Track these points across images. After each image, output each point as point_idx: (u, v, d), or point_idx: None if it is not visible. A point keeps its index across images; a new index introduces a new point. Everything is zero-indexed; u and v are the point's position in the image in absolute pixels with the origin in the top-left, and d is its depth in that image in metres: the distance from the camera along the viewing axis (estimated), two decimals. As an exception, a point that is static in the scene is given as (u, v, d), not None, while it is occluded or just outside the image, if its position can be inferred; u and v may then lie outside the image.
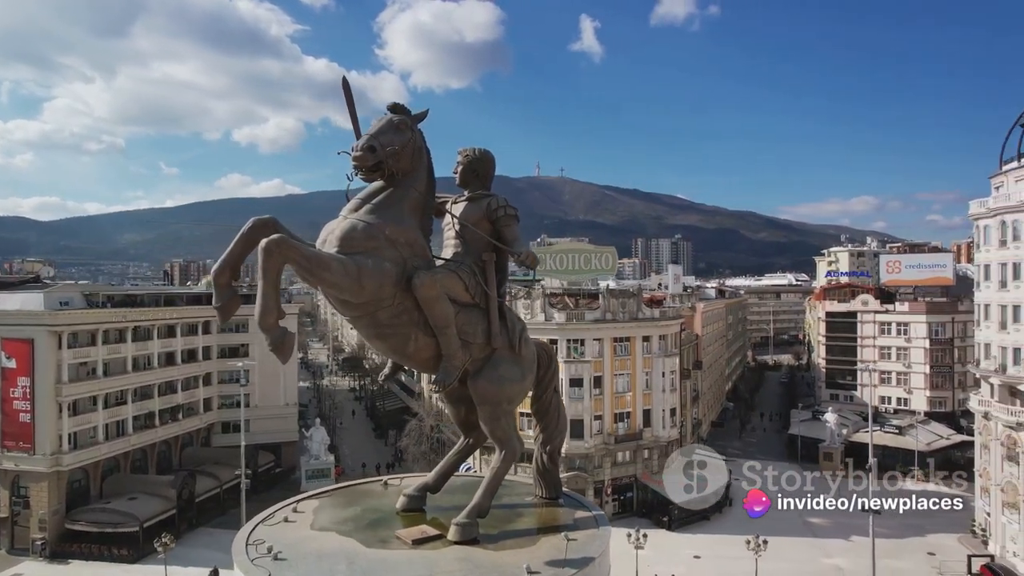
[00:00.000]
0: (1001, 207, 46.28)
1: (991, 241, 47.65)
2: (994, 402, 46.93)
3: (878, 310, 74.24)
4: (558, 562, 8.72)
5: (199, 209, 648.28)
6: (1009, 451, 45.89)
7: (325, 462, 62.91)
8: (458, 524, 9.31)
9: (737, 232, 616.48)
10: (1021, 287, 44.43)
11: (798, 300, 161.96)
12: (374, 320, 9.09)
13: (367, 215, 9.04)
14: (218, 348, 64.32)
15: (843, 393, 77.22)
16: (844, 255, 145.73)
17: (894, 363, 72.52)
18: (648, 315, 57.20)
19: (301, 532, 9.75)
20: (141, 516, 47.91)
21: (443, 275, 9.46)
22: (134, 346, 55.77)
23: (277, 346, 8.17)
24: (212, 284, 8.32)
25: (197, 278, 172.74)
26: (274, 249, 7.75)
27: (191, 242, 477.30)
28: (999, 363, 46.70)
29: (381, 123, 9.26)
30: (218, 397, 64.42)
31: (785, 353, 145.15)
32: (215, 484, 55.94)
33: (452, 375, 9.52)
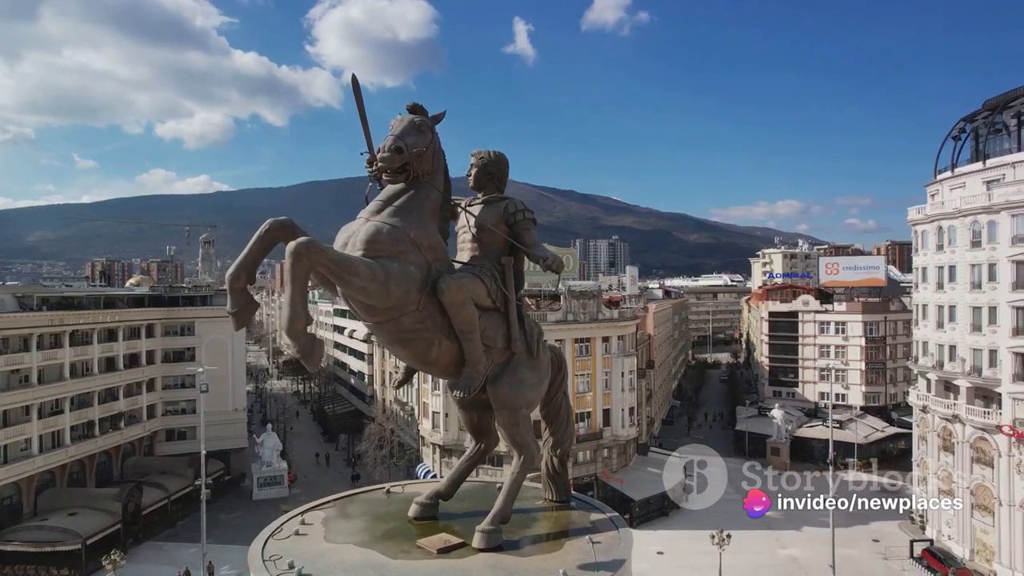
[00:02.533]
0: (937, 214, 49.40)
1: (928, 245, 50.81)
2: (932, 397, 50.05)
3: (818, 310, 77.99)
4: (590, 565, 8.71)
5: (120, 206, 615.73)
6: (945, 442, 49.05)
7: (278, 469, 61.13)
8: (483, 531, 9.15)
9: (670, 234, 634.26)
10: (956, 289, 47.54)
11: (734, 300, 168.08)
12: (398, 325, 8.85)
13: (390, 218, 8.78)
14: (162, 352, 61.35)
15: (785, 390, 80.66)
16: (778, 257, 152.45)
17: (833, 360, 76.27)
18: (608, 316, 58.13)
19: (317, 545, 9.40)
20: (83, 532, 45.06)
21: (468, 279, 9.32)
22: (72, 351, 52.50)
23: (306, 354, 7.78)
24: (227, 289, 7.99)
25: (122, 278, 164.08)
26: (303, 252, 7.43)
27: (112, 240, 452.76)
28: (936, 360, 49.84)
29: (403, 124, 8.99)
30: (162, 403, 61.39)
31: (723, 352, 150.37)
32: (162, 495, 53.27)
33: (476, 381, 9.40)
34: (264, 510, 58.44)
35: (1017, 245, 42.55)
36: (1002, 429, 43.24)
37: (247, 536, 9.10)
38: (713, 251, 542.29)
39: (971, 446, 46.15)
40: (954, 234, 47.80)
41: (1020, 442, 42.32)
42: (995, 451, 44.26)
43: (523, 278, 10.66)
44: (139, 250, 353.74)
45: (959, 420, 46.80)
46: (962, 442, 46.78)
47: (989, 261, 44.65)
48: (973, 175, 47.86)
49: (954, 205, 47.79)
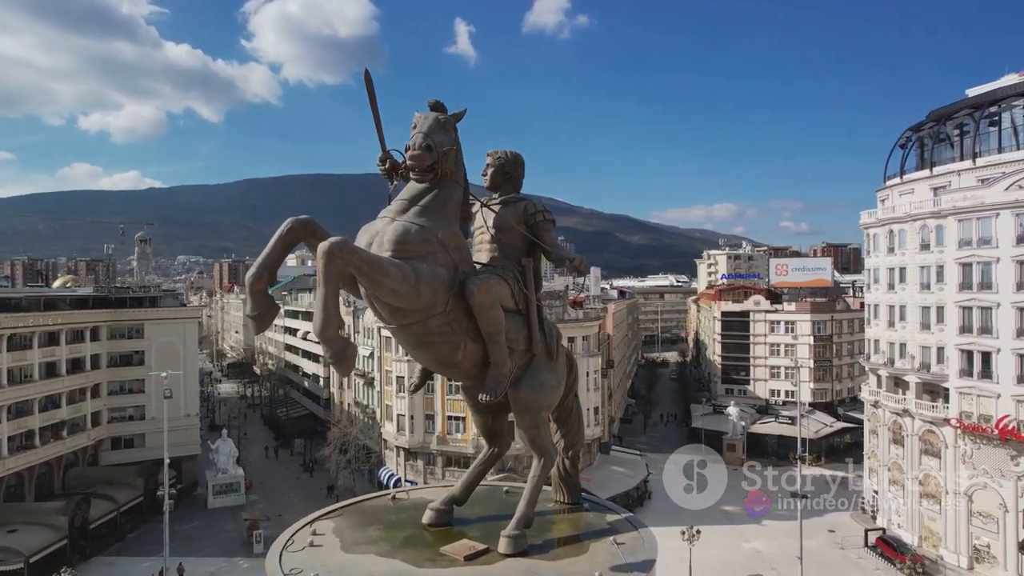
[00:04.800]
0: (888, 218, 51.87)
1: (880, 248, 53.27)
2: (883, 392, 52.48)
3: (768, 310, 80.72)
4: (622, 567, 8.68)
5: (39, 201, 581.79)
6: (895, 435, 51.53)
7: (234, 476, 58.99)
8: (509, 536, 8.99)
9: (613, 235, 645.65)
10: (907, 289, 50.03)
11: (680, 300, 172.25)
12: (424, 328, 8.65)
13: (416, 217, 8.57)
14: (108, 356, 58.23)
15: (737, 387, 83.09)
16: (723, 258, 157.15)
17: (783, 359, 79.11)
18: (574, 316, 58.51)
19: (336, 557, 9.04)
20: (25, 550, 42.25)
21: (495, 281, 9.19)
22: (9, 356, 49.21)
23: (339, 359, 7.52)
24: (247, 291, 7.72)
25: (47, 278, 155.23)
26: (337, 252, 7.20)
27: (31, 238, 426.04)
28: (887, 357, 52.30)
29: (429, 121, 8.77)
30: (107, 410, 58.21)
31: (670, 351, 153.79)
32: (112, 507, 50.46)
33: (502, 384, 9.21)
34: (222, 518, 56.45)
35: (963, 248, 45.05)
36: (949, 422, 45.74)
37: (206, 546, 8.56)
38: (655, 252, 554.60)
39: (920, 439, 48.62)
40: (904, 237, 50.28)
41: (966, 434, 44.84)
42: (942, 443, 46.77)
43: (541, 279, 10.57)
44: (64, 248, 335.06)
45: (909, 414, 49.24)
46: (911, 435, 49.24)
47: (937, 263, 47.14)
48: (921, 182, 50.50)
49: (904, 210, 50.28)
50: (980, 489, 44.44)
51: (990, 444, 43.58)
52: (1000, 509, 43.23)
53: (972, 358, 44.61)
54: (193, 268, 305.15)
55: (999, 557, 43.41)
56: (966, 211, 44.88)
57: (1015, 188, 42.78)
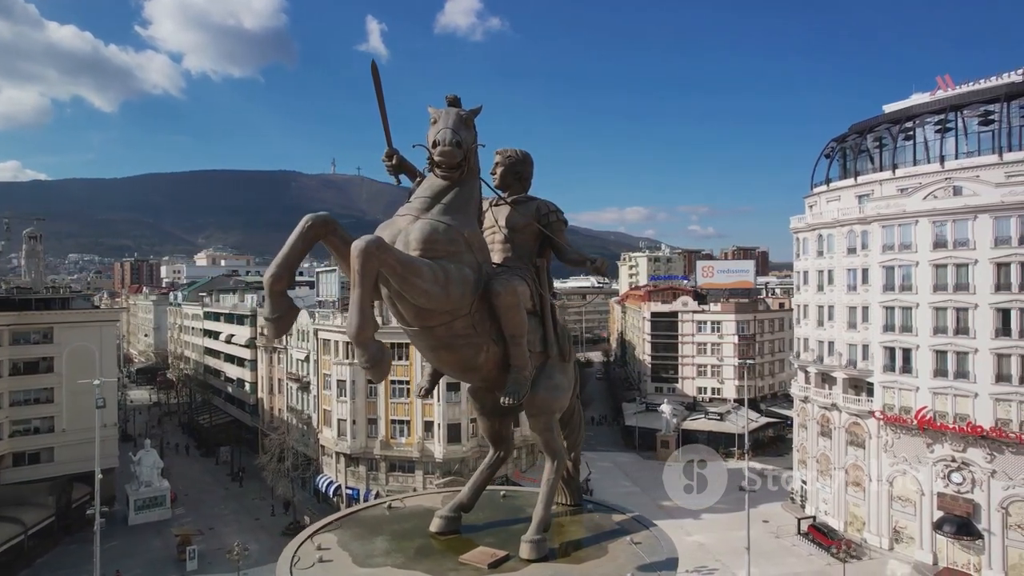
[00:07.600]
0: (818, 223, 55.04)
1: (809, 251, 56.46)
2: (812, 388, 55.60)
3: (696, 310, 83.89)
4: (648, 566, 8.63)
5: None
6: (823, 428, 54.71)
7: (158, 489, 55.22)
8: (531, 541, 8.82)
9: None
10: (835, 291, 53.28)
11: (602, 301, 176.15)
12: (450, 330, 8.39)
13: (442, 216, 8.26)
14: (10, 363, 52.82)
15: (667, 386, 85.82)
16: (643, 260, 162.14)
17: (710, 357, 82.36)
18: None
19: (351, 571, 8.62)
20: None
21: (518, 282, 9.06)
22: None
23: (375, 363, 7.18)
24: (266, 292, 7.19)
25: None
26: (373, 252, 6.88)
27: None
28: (816, 355, 55.48)
29: (451, 117, 8.43)
30: (9, 423, 52.72)
31: (594, 351, 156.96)
32: (18, 530, 45.82)
33: (524, 387, 9.00)
34: (145, 535, 52.54)
35: (887, 252, 48.46)
36: (874, 414, 49.06)
37: (132, 567, 7.58)
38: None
39: (846, 430, 51.87)
40: (832, 242, 53.53)
41: (888, 425, 48.23)
42: (867, 434, 50.11)
43: (551, 279, 10.50)
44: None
45: (836, 408, 52.42)
46: (839, 427, 52.44)
47: (863, 266, 50.48)
48: (847, 189, 53.92)
49: (832, 216, 53.53)
50: (900, 475, 47.94)
51: (909, 434, 47.08)
52: (917, 494, 46.80)
53: (895, 354, 48.05)
54: (87, 267, 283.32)
55: (915, 537, 47.02)
56: (889, 218, 48.32)
57: (931, 198, 46.47)
